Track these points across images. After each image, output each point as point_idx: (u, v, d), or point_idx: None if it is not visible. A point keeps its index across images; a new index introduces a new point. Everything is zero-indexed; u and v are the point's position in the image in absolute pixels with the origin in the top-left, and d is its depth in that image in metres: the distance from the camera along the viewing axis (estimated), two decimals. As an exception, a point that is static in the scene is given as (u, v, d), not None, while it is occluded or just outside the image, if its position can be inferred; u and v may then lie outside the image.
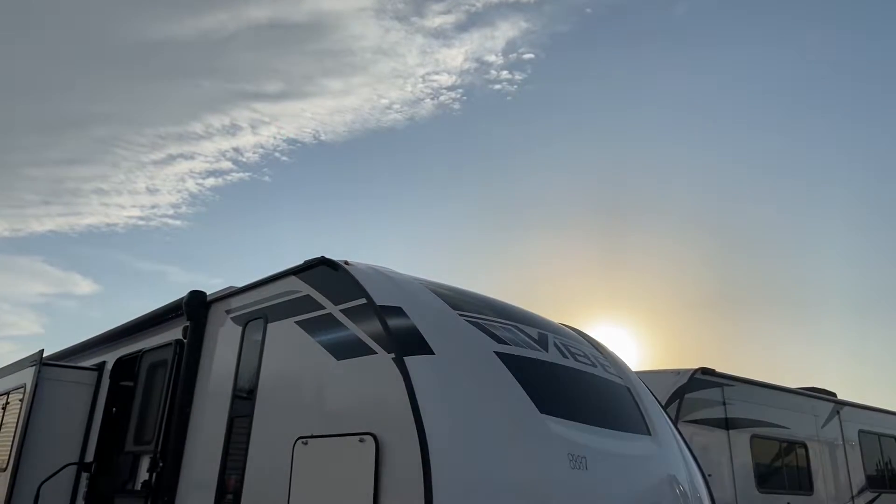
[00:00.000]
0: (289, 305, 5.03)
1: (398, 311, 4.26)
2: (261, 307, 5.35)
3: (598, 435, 4.34)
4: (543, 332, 5.08)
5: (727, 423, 8.11)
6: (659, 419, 5.09)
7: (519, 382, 4.16)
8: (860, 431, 10.42)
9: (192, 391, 5.73)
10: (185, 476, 5.42)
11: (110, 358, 7.49)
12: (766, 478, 8.38)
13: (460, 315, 4.58)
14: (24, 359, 7.69)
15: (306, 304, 4.85)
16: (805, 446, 9.18)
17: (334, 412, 4.22)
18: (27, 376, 7.31)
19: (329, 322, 4.58)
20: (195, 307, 5.96)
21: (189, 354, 5.84)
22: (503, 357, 4.32)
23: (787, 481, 8.70)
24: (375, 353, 4.10)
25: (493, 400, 4.00)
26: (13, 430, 7.29)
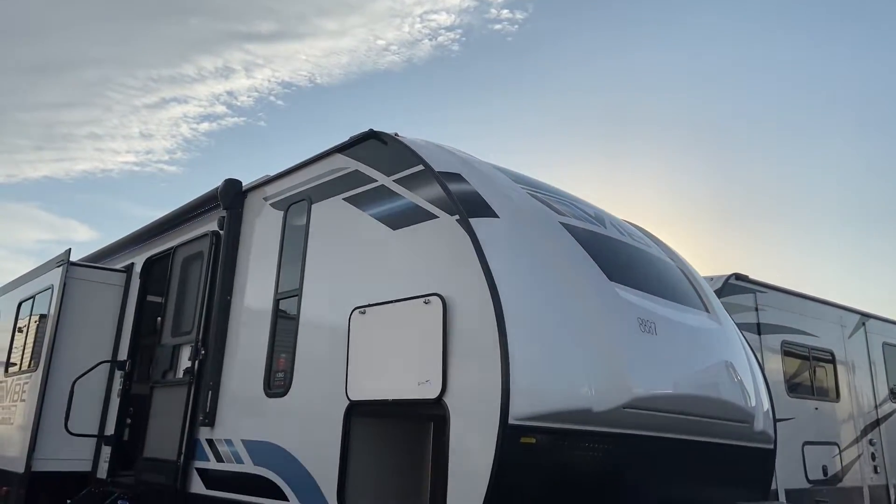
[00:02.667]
0: (335, 183, 4.88)
1: (457, 177, 4.12)
2: (303, 189, 5.20)
3: (663, 305, 4.27)
4: (598, 210, 4.96)
5: (759, 329, 8.10)
6: (714, 299, 5.02)
7: (586, 251, 4.06)
8: (884, 344, 10.47)
9: (231, 279, 5.65)
10: (230, 360, 5.39)
11: (138, 259, 7.40)
12: (796, 384, 8.43)
13: (520, 186, 4.45)
14: (50, 260, 7.60)
15: (355, 179, 4.71)
16: (832, 355, 9.22)
17: (393, 280, 4.13)
18: (55, 277, 7.23)
19: (382, 194, 4.44)
20: (232, 196, 5.81)
21: (227, 243, 5.73)
22: (567, 227, 4.20)
23: (815, 388, 8.76)
24: (437, 217, 3.98)
25: (562, 264, 3.89)
26: (43, 330, 7.27)
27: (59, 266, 7.20)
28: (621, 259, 4.39)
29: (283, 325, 5.01)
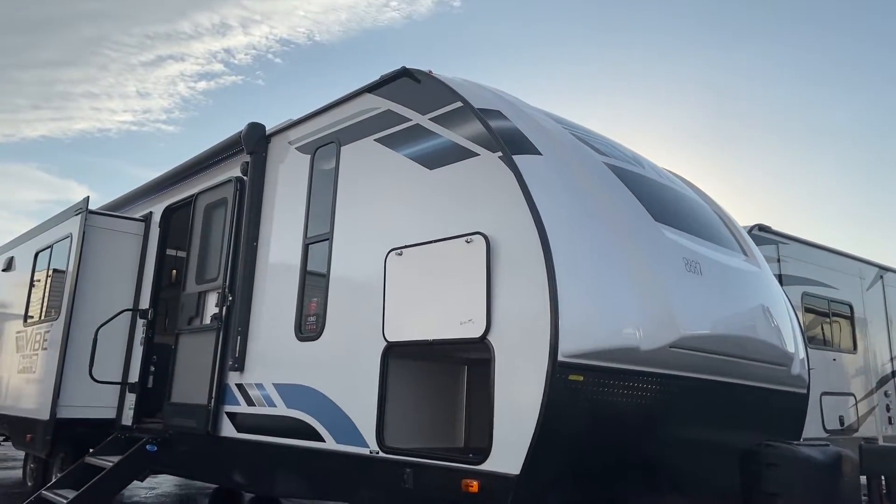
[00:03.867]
0: (366, 124, 4.76)
1: (498, 114, 4.00)
2: (331, 132, 5.08)
3: (705, 247, 4.20)
4: (634, 153, 4.84)
5: (781, 280, 8.05)
6: (751, 243, 4.95)
7: (630, 191, 3.96)
8: (902, 296, 10.48)
9: (257, 225, 5.57)
10: (259, 306, 5.34)
11: (157, 208, 7.30)
12: (815, 334, 8.43)
13: (561, 126, 4.32)
14: (68, 209, 7.51)
15: (387, 119, 4.58)
16: (851, 308, 9.21)
17: (430, 220, 4.04)
18: (73, 226, 7.16)
19: (417, 133, 4.32)
20: (255, 141, 5.69)
21: (252, 189, 5.63)
22: (611, 167, 4.10)
23: (834, 339, 8.77)
24: (477, 154, 3.87)
25: (607, 203, 3.80)
26: (62, 280, 7.23)
27: (77, 214, 7.11)
28: (663, 200, 4.29)
29: (314, 269, 4.94)
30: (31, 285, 8.18)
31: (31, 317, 7.97)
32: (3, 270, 9.42)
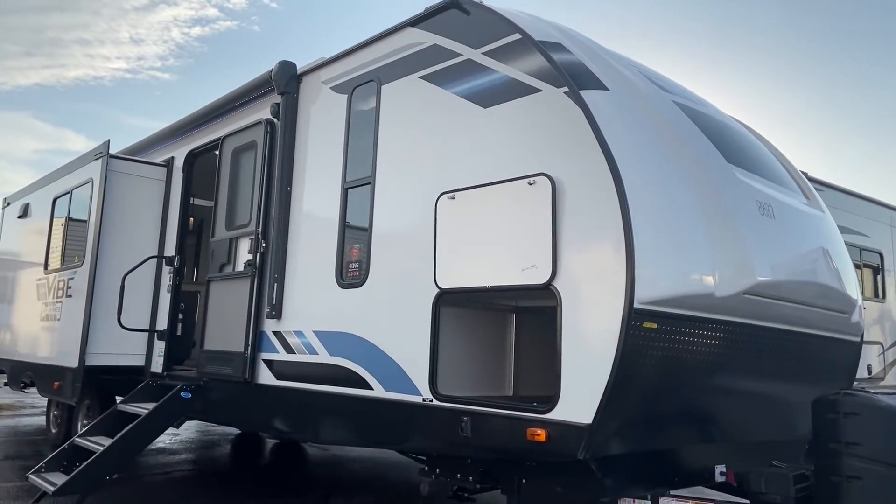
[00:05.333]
0: (409, 61, 4.49)
1: (559, 47, 3.74)
2: (370, 70, 4.81)
3: (775, 189, 4.00)
4: (693, 93, 4.60)
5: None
6: (810, 187, 4.75)
7: (701, 131, 3.74)
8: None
9: (291, 169, 5.35)
10: (294, 252, 5.18)
11: (179, 153, 7.07)
12: (846, 282, 8.34)
13: (622, 60, 4.07)
14: (87, 153, 7.27)
15: (434, 54, 4.32)
16: (881, 255, 9.08)
17: (485, 162, 3.83)
18: (94, 170, 6.94)
19: (469, 69, 4.07)
20: (287, 80, 5.42)
21: (284, 131, 5.39)
22: (679, 105, 3.86)
23: (863, 287, 8.67)
24: (539, 90, 3.63)
25: (679, 143, 3.59)
26: (84, 226, 7.05)
27: (97, 158, 6.88)
28: (731, 141, 4.08)
29: (354, 214, 4.76)
30: (51, 232, 8.01)
31: (52, 264, 7.83)
32: (19, 217, 9.24)
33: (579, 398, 3.17)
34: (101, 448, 5.35)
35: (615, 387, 3.08)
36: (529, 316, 4.55)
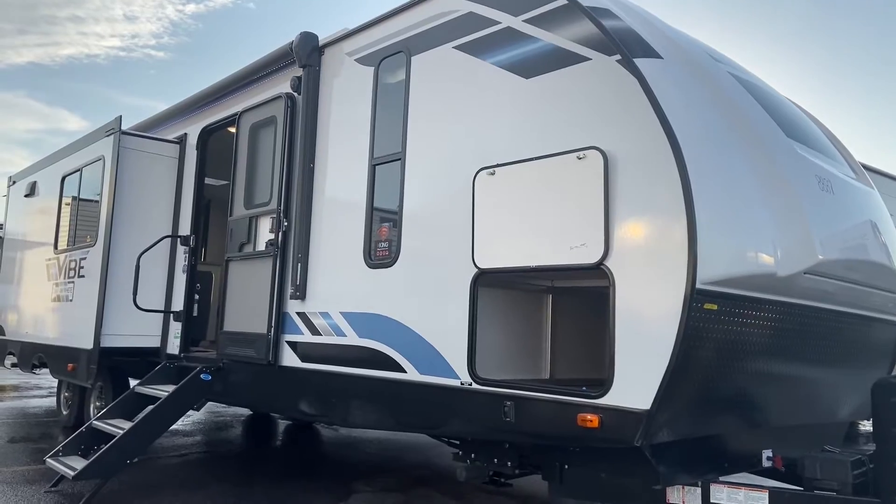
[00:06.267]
0: (441, 30, 4.27)
1: (608, 13, 3.52)
2: (398, 40, 4.59)
3: (831, 165, 3.81)
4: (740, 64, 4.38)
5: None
6: (857, 162, 4.56)
7: (759, 104, 3.54)
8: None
9: (313, 145, 5.15)
10: (319, 231, 4.99)
11: (192, 129, 6.85)
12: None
13: (672, 30, 3.85)
14: (98, 129, 7.04)
15: (469, 23, 4.10)
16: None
17: (527, 135, 3.63)
18: (106, 147, 6.72)
19: (508, 37, 3.85)
20: (309, 52, 5.19)
21: (306, 106, 5.17)
22: (735, 77, 3.66)
23: None
24: (588, 59, 3.42)
25: (738, 115, 3.40)
26: (96, 204, 6.85)
27: (109, 135, 6.66)
28: (787, 115, 3.88)
29: (383, 192, 4.56)
30: (60, 210, 7.80)
31: (62, 244, 7.64)
32: (26, 196, 9.02)
33: (636, 383, 3.01)
34: (121, 431, 5.21)
35: (675, 371, 2.92)
36: (565, 296, 4.38)
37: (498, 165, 3.72)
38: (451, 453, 4.30)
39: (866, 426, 5.14)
